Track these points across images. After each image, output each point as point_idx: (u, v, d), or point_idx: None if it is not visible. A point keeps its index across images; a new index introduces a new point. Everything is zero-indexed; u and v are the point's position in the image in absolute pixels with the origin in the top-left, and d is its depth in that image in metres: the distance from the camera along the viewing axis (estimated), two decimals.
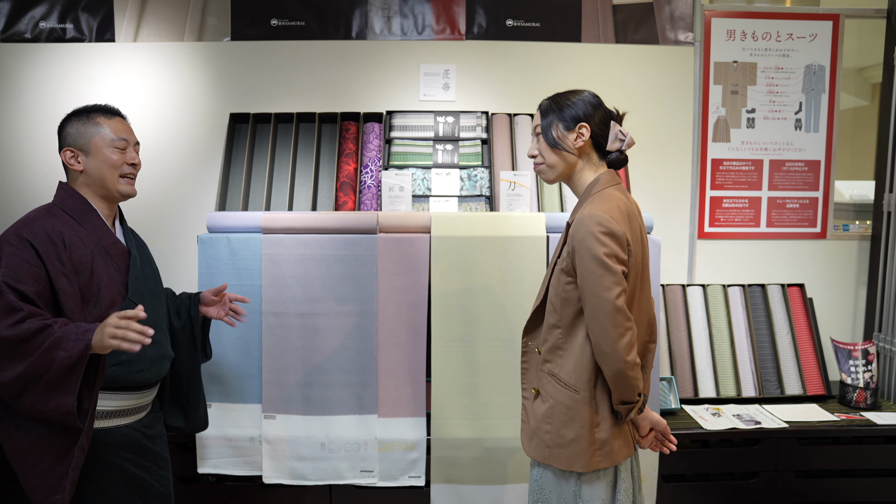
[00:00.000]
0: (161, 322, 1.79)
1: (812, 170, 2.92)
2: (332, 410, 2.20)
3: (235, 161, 2.71)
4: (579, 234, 1.47)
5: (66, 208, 1.66)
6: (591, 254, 1.45)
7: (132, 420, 1.71)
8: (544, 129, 1.62)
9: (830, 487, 2.41)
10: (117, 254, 1.70)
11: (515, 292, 2.20)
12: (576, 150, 1.59)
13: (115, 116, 1.73)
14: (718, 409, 2.51)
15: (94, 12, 2.74)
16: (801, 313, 2.75)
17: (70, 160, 1.68)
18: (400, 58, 2.81)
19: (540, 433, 1.60)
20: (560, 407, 1.56)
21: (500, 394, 2.20)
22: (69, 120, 1.71)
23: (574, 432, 1.54)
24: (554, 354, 1.59)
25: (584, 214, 1.49)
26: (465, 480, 2.21)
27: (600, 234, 1.45)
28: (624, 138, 1.59)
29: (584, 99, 1.60)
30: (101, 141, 1.68)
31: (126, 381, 1.66)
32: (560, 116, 1.59)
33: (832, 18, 2.87)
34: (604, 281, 1.44)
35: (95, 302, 1.62)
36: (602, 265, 1.44)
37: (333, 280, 2.18)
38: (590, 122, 1.57)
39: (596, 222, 1.46)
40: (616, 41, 2.83)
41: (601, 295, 1.45)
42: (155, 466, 1.76)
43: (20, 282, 1.50)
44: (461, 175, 2.61)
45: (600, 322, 1.46)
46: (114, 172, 1.69)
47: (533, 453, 1.62)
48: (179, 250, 2.68)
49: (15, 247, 1.53)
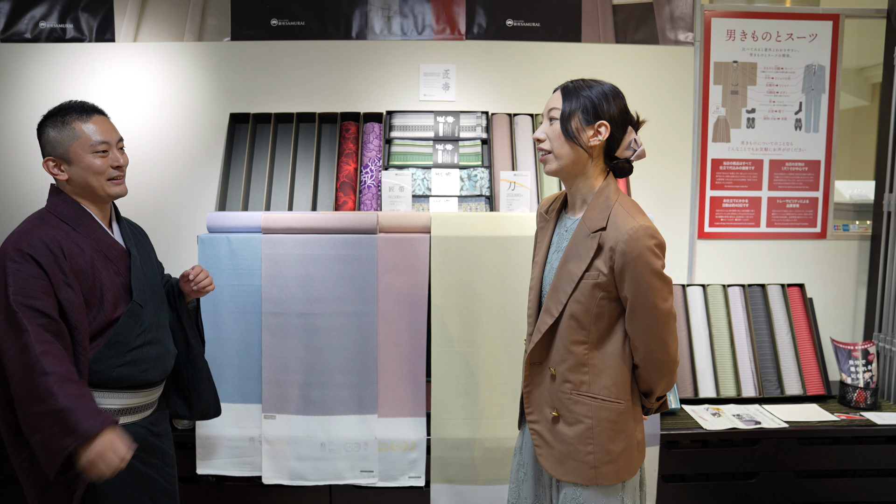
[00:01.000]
0: (162, 319, 1.78)
1: (812, 170, 2.92)
2: (332, 410, 2.20)
3: (235, 161, 2.71)
4: (635, 251, 1.39)
5: (59, 214, 1.62)
6: (651, 269, 1.40)
7: (139, 418, 1.71)
8: (564, 115, 1.47)
9: (830, 487, 2.41)
10: (116, 256, 1.68)
11: (515, 292, 2.20)
12: (589, 148, 1.48)
13: (91, 115, 1.64)
14: (718, 409, 2.51)
15: (94, 12, 2.74)
16: (801, 313, 2.75)
17: (53, 170, 1.62)
18: (400, 58, 2.81)
19: (579, 455, 1.50)
20: (603, 424, 1.48)
21: (500, 394, 2.20)
22: (45, 125, 1.63)
23: (622, 444, 1.49)
24: (578, 372, 1.50)
25: (632, 228, 1.40)
26: (465, 480, 2.21)
27: (655, 247, 1.41)
28: (637, 148, 1.50)
29: (616, 98, 1.48)
30: (81, 148, 1.60)
31: (132, 381, 1.66)
32: (583, 107, 1.46)
33: (832, 18, 2.87)
34: (662, 293, 1.42)
35: (99, 307, 1.61)
36: (661, 278, 1.42)
37: (333, 280, 2.18)
38: (612, 122, 1.47)
39: (649, 236, 1.41)
40: (616, 41, 2.83)
41: (660, 307, 1.42)
42: (162, 464, 1.76)
43: (31, 297, 1.47)
44: (461, 175, 2.61)
45: (658, 332, 1.44)
46: (100, 178, 1.62)
47: (570, 476, 1.51)
48: (179, 250, 2.68)
49: (17, 262, 1.50)
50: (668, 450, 2.32)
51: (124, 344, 1.63)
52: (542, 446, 1.57)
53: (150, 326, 1.70)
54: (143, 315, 1.69)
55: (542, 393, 1.58)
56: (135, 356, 1.65)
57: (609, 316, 1.48)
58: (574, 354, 1.50)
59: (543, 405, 1.57)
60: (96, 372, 1.59)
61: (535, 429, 1.59)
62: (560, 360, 1.52)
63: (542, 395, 1.57)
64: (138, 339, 1.66)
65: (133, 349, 1.65)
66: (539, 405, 1.58)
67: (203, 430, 2.20)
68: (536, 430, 1.58)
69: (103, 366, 1.60)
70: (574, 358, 1.50)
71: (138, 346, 1.66)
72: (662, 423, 2.33)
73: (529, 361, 1.58)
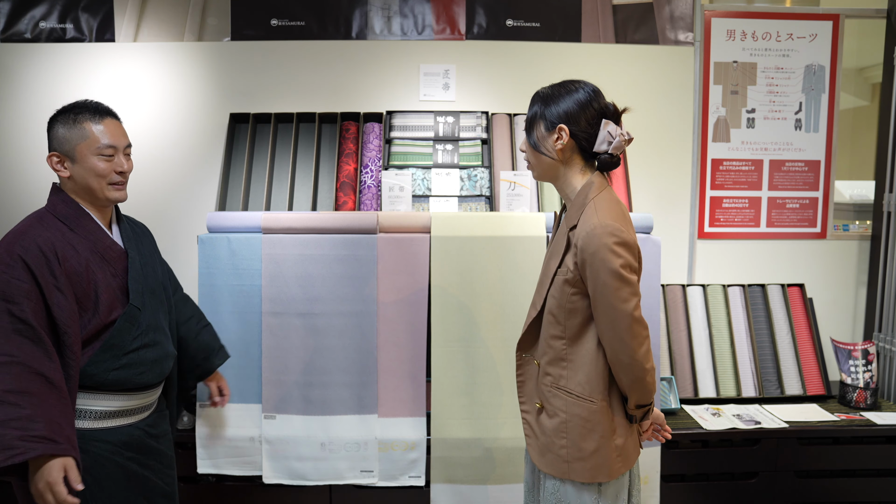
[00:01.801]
0: (161, 322, 1.76)
1: (812, 170, 2.92)
2: (332, 410, 2.20)
3: (235, 161, 2.71)
4: (591, 247, 1.39)
5: (57, 214, 1.61)
6: (606, 267, 1.38)
7: (136, 419, 1.69)
8: (527, 125, 1.52)
9: (830, 487, 2.41)
10: (113, 257, 1.66)
11: (515, 292, 2.20)
12: (556, 154, 1.47)
13: (104, 118, 1.64)
14: (718, 409, 2.51)
15: (94, 12, 2.74)
16: (801, 313, 2.75)
17: (56, 165, 1.61)
18: (400, 58, 2.81)
19: (554, 448, 1.52)
20: (576, 420, 1.49)
21: (500, 394, 2.20)
22: (56, 120, 1.63)
23: (594, 444, 1.48)
24: (557, 366, 1.53)
25: (593, 225, 1.40)
26: (465, 480, 2.21)
27: (614, 245, 1.38)
28: (613, 140, 1.44)
29: (573, 96, 1.46)
30: (87, 149, 1.60)
31: (128, 384, 1.64)
32: (543, 114, 1.48)
33: (832, 18, 2.87)
34: (621, 293, 1.39)
35: (94, 310, 1.59)
36: (619, 277, 1.38)
37: (333, 280, 2.18)
38: (571, 123, 1.45)
39: (609, 233, 1.38)
40: (616, 41, 2.83)
41: (619, 307, 1.39)
42: (160, 465, 1.75)
43: (9, 301, 1.46)
44: (461, 175, 2.61)
45: (619, 334, 1.41)
46: (101, 182, 1.62)
47: (548, 469, 1.54)
48: (179, 250, 2.68)
49: (4, 263, 1.49)
50: (668, 450, 2.32)
51: (120, 347, 1.62)
52: (530, 436, 1.61)
53: (147, 329, 1.68)
54: (141, 318, 1.67)
55: (531, 384, 1.62)
56: (131, 359, 1.63)
57: (582, 313, 1.49)
58: (553, 348, 1.53)
59: (533, 395, 1.61)
60: (91, 375, 1.58)
61: (526, 418, 1.63)
62: (542, 353, 1.57)
63: (532, 386, 1.62)
64: (135, 342, 1.65)
65: (129, 352, 1.63)
66: (530, 395, 1.62)
67: (203, 430, 2.20)
68: (526, 420, 1.63)
69: (98, 369, 1.59)
70: (553, 352, 1.53)
71: (134, 349, 1.64)
72: None
73: (517, 350, 1.64)
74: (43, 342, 1.48)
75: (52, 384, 1.47)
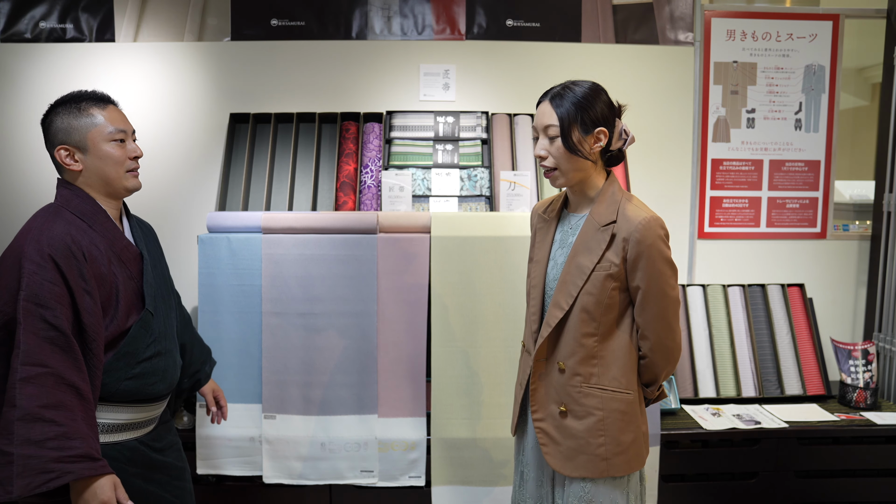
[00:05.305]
0: (170, 329, 1.67)
1: (812, 170, 2.92)
2: (332, 410, 2.21)
3: (235, 161, 2.71)
4: (648, 239, 1.46)
5: (73, 210, 1.49)
6: (662, 256, 1.48)
7: (140, 434, 1.60)
8: (564, 131, 1.47)
9: (830, 487, 2.41)
10: (129, 258, 1.57)
11: (515, 292, 2.20)
12: (592, 155, 1.51)
13: (108, 105, 1.55)
14: (718, 409, 2.51)
15: (94, 12, 2.74)
16: (801, 313, 2.75)
17: (66, 159, 1.50)
18: (400, 58, 2.81)
19: (590, 449, 1.51)
20: (615, 415, 1.51)
21: (500, 394, 2.20)
22: (56, 112, 1.51)
23: (631, 434, 1.53)
24: (587, 365, 1.52)
25: (645, 218, 1.47)
26: (465, 480, 2.21)
27: (665, 236, 1.49)
28: (626, 137, 1.54)
29: (601, 97, 1.50)
30: (99, 135, 1.50)
31: (139, 394, 1.55)
32: (579, 119, 1.47)
33: (832, 18, 2.87)
34: (672, 281, 1.49)
35: (114, 314, 1.51)
36: (671, 266, 1.49)
37: (333, 280, 2.18)
38: (606, 123, 1.49)
39: (659, 226, 1.48)
40: (616, 41, 2.83)
41: (670, 294, 1.49)
42: (167, 478, 1.65)
43: (42, 306, 1.36)
44: (461, 175, 2.61)
45: (667, 320, 1.50)
46: (119, 169, 1.53)
47: (580, 471, 1.52)
48: (179, 250, 2.68)
49: (36, 264, 1.38)
50: (668, 450, 2.32)
51: (134, 355, 1.53)
52: (549, 444, 1.57)
53: (159, 336, 1.60)
54: (154, 324, 1.58)
55: (548, 389, 1.58)
56: (144, 368, 1.55)
57: (618, 307, 1.53)
58: (584, 347, 1.52)
59: (549, 402, 1.57)
60: (104, 384, 1.49)
61: (541, 427, 1.58)
62: (569, 354, 1.54)
63: (549, 391, 1.57)
64: (148, 349, 1.56)
65: (143, 361, 1.55)
66: (545, 402, 1.58)
67: (203, 430, 2.20)
68: (542, 429, 1.58)
69: (111, 378, 1.49)
70: (584, 350, 1.53)
71: (148, 357, 1.56)
72: (662, 423, 2.33)
73: (536, 358, 1.58)
74: (73, 351, 1.39)
75: (82, 396, 1.39)
